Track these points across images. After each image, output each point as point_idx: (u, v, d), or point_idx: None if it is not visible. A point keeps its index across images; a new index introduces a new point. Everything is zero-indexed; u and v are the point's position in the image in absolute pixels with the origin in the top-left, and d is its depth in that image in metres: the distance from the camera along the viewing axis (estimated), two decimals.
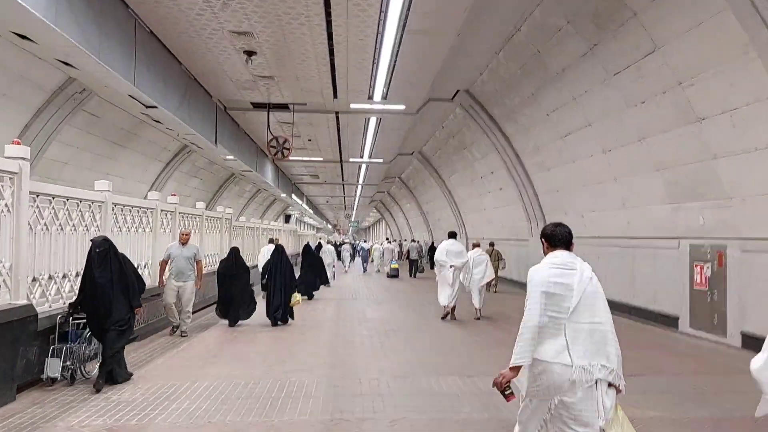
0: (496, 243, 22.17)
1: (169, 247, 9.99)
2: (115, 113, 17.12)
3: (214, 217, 15.98)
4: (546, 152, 14.88)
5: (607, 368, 3.30)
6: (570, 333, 3.29)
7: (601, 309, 3.44)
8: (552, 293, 3.37)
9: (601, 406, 3.24)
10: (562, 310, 3.34)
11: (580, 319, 3.35)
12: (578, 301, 3.35)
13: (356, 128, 20.40)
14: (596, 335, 3.35)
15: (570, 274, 3.46)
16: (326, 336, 10.08)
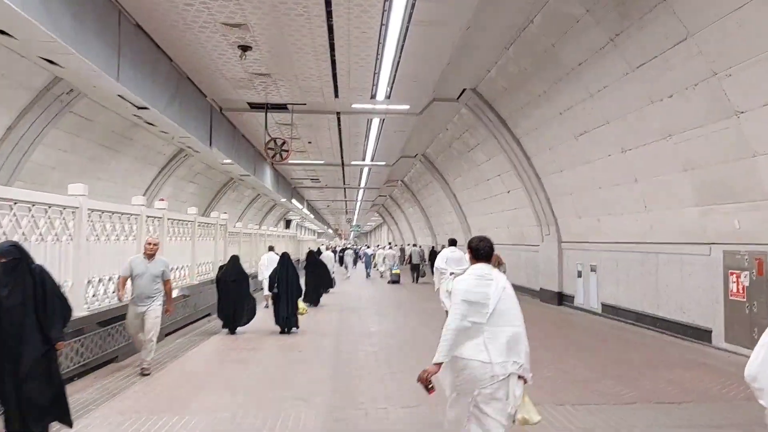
0: (503, 248, 21.39)
1: (131, 261, 7.80)
2: (106, 115, 16.40)
3: (208, 223, 15.17)
4: (558, 153, 14.07)
5: (518, 364, 3.81)
6: (488, 335, 3.79)
7: (514, 313, 3.95)
8: (472, 301, 3.86)
9: (512, 395, 3.75)
10: (481, 315, 3.83)
11: (496, 323, 3.83)
12: (494, 307, 3.85)
13: (358, 130, 19.61)
14: (510, 336, 3.85)
15: (488, 284, 3.94)
16: (327, 354, 9.25)
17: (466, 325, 3.80)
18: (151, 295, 7.74)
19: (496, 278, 4.01)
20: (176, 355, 8.98)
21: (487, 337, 3.78)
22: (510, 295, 4.00)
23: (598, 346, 9.85)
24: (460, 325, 3.80)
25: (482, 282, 3.94)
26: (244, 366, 8.23)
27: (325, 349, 9.53)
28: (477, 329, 3.81)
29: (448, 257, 11.86)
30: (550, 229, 16.32)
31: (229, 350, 9.44)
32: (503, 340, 3.80)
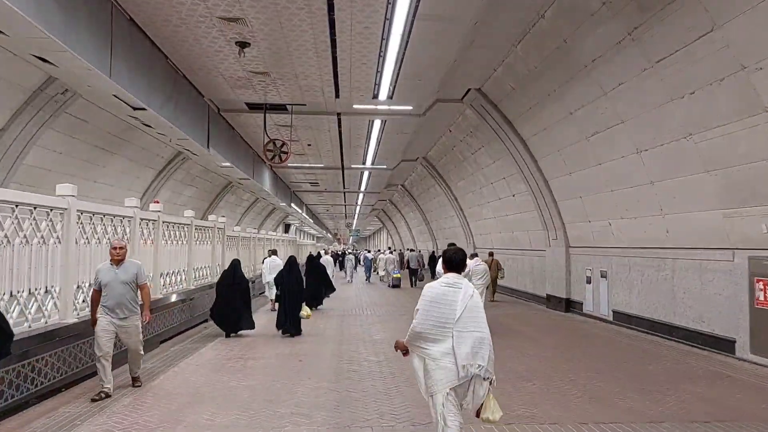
0: (507, 253, 20.92)
1: (98, 270, 6.78)
2: (102, 116, 15.99)
3: (206, 226, 14.68)
4: (567, 155, 13.60)
5: (482, 367, 4.05)
6: (456, 338, 4.06)
7: (480, 319, 4.18)
8: (440, 305, 4.16)
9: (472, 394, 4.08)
10: (449, 320, 4.11)
11: (464, 328, 4.09)
12: (461, 313, 4.11)
13: (359, 132, 19.17)
14: (476, 341, 4.08)
15: (456, 291, 4.22)
16: (329, 364, 8.74)
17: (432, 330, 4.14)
18: (127, 305, 6.68)
19: (465, 287, 4.28)
20: (170, 364, 8.47)
21: (455, 341, 4.06)
22: (477, 303, 4.26)
23: (613, 357, 9.35)
24: (423, 329, 4.17)
25: (451, 290, 4.23)
26: (242, 376, 7.73)
27: (327, 358, 9.02)
28: (445, 333, 4.11)
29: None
30: (557, 233, 15.84)
31: (226, 359, 8.93)
32: (469, 343, 4.06)
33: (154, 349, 9.76)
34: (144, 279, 6.96)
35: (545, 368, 8.30)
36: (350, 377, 7.75)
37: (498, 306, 17.28)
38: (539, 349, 9.90)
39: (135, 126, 17.09)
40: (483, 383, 4.09)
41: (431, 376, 4.14)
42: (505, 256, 21.32)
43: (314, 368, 8.29)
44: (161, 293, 10.77)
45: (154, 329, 9.92)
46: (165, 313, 10.54)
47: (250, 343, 10.43)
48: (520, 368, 8.27)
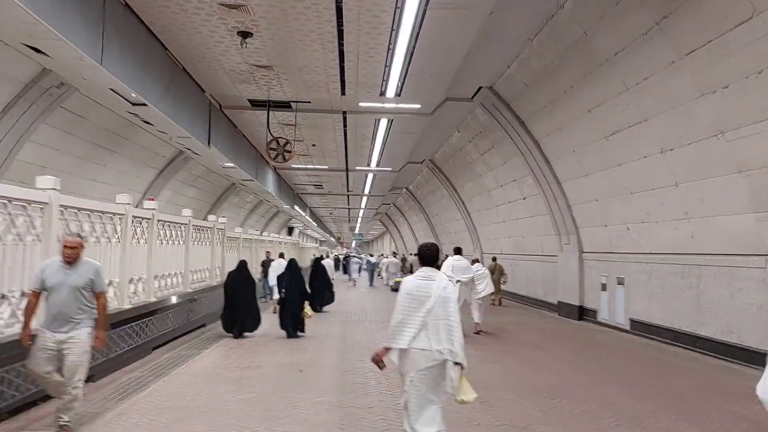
0: (516, 258, 20.30)
1: (42, 267, 5.36)
2: (100, 112, 15.48)
3: (205, 227, 14.10)
4: (583, 155, 12.99)
5: (452, 351, 4.38)
6: (430, 326, 4.43)
7: (451, 309, 4.48)
8: (415, 295, 4.51)
9: (449, 377, 4.39)
10: (423, 309, 4.45)
11: (436, 316, 4.43)
12: (434, 303, 4.45)
13: (365, 131, 18.58)
14: (446, 328, 4.41)
15: (429, 283, 4.55)
16: (332, 375, 8.15)
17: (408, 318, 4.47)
18: (74, 316, 5.20)
19: (438, 279, 4.60)
20: (161, 374, 7.88)
21: (429, 328, 4.42)
22: (449, 294, 4.54)
23: (637, 370, 8.71)
24: (403, 320, 4.49)
25: (425, 282, 4.57)
26: (238, 388, 7.13)
27: (329, 369, 8.41)
28: (420, 321, 4.44)
29: (454, 265, 11.74)
30: (570, 238, 15.21)
31: (222, 368, 8.33)
32: (441, 331, 4.40)
33: (145, 356, 9.17)
34: (102, 286, 5.49)
35: (566, 383, 7.68)
36: (355, 390, 7.14)
37: (507, 313, 16.65)
38: (555, 360, 9.28)
39: (135, 123, 16.61)
40: (455, 367, 4.42)
41: (404, 359, 4.54)
42: (514, 262, 20.70)
43: (316, 380, 7.67)
44: (155, 296, 10.18)
45: (147, 335, 9.33)
46: (159, 317, 9.94)
47: (249, 350, 9.83)
48: (538, 383, 7.65)
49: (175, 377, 7.66)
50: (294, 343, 10.76)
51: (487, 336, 11.86)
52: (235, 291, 11.39)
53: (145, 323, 9.25)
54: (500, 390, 7.24)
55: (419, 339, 4.44)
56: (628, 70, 9.79)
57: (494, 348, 10.40)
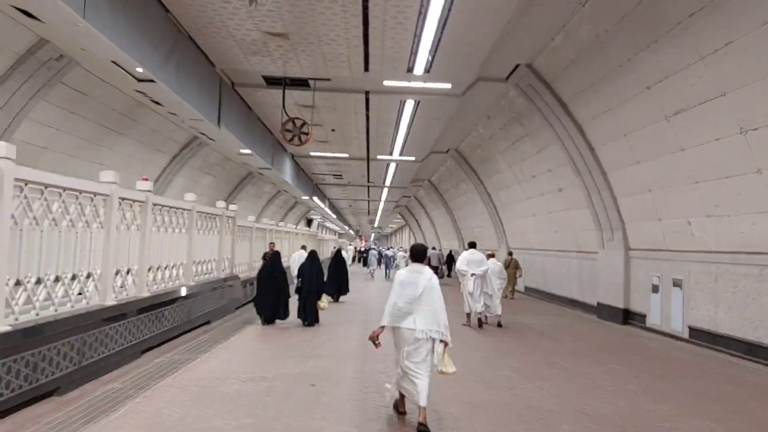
0: (548, 255, 18.79)
1: None
2: (106, 91, 14.41)
3: (212, 213, 12.85)
4: (637, 140, 11.46)
5: (438, 331, 5.39)
6: (417, 310, 5.41)
7: (436, 296, 5.49)
8: (407, 285, 5.50)
9: (436, 352, 5.42)
10: (413, 296, 5.43)
11: (423, 302, 5.43)
12: (422, 291, 5.44)
13: (389, 116, 17.19)
14: (432, 312, 5.42)
15: (418, 276, 5.57)
16: (349, 392, 6.84)
17: (401, 304, 5.44)
18: None
19: (425, 272, 5.63)
20: (146, 385, 6.62)
21: (417, 311, 5.41)
22: (434, 284, 5.55)
23: (723, 394, 7.20)
24: (396, 304, 5.46)
25: (415, 274, 5.59)
26: (233, 410, 5.82)
27: (347, 384, 7.07)
28: (408, 308, 5.43)
29: (469, 259, 12.14)
30: (614, 234, 13.69)
31: (219, 379, 7.04)
32: (427, 314, 5.41)
33: (132, 361, 7.93)
34: None
35: (641, 412, 6.22)
36: (379, 417, 5.77)
37: (542, 313, 15.19)
38: (615, 378, 7.82)
39: (144, 104, 15.47)
40: (441, 345, 5.38)
41: (396, 338, 5.47)
42: (545, 259, 19.21)
43: (330, 400, 6.33)
44: (148, 291, 8.94)
45: (135, 336, 8.08)
46: (151, 315, 8.70)
47: (255, 355, 8.54)
48: (606, 411, 6.22)
49: (159, 391, 6.37)
50: (307, 345, 9.46)
51: (524, 343, 10.46)
52: (267, 282, 11.75)
53: (133, 322, 8.01)
54: (560, 420, 5.84)
55: (408, 320, 5.39)
56: (705, 35, 8.25)
57: (536, 358, 8.99)
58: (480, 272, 11.90)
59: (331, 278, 16.33)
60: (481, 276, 11.93)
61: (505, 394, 6.72)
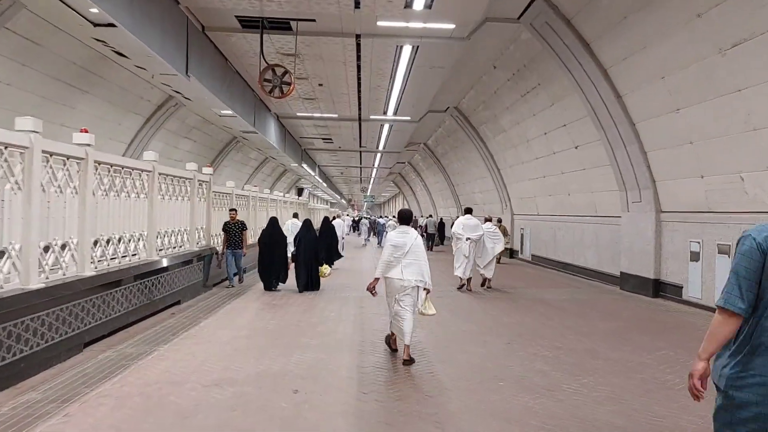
0: (558, 220, 17.16)
1: None
2: (62, 40, 12.61)
3: (180, 177, 11.07)
4: (679, 81, 9.73)
5: (422, 281, 6.42)
6: (405, 264, 6.43)
7: (420, 253, 6.52)
8: (396, 245, 6.49)
9: (420, 298, 6.46)
10: (401, 253, 6.45)
11: (409, 258, 6.45)
12: (408, 249, 6.45)
13: (383, 66, 15.30)
14: (416, 265, 6.44)
15: (405, 236, 6.57)
16: (343, 402, 5.24)
17: (391, 259, 6.47)
18: None
19: (411, 233, 6.61)
20: (69, 397, 4.95)
21: (403, 266, 6.43)
22: (419, 243, 6.57)
23: None
24: (388, 259, 6.47)
25: (402, 235, 6.59)
26: (184, 430, 4.19)
27: (340, 388, 5.44)
28: (397, 262, 6.46)
29: (465, 224, 12.34)
30: (642, 194, 12.05)
31: (174, 384, 5.40)
32: (413, 267, 6.43)
33: (70, 357, 6.27)
34: None
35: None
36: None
37: (556, 285, 13.65)
38: (679, 370, 6.25)
39: (106, 55, 13.56)
40: (423, 292, 6.49)
41: (388, 286, 6.59)
42: (555, 224, 17.61)
43: (317, 416, 4.68)
44: (93, 269, 7.24)
45: (73, 327, 6.40)
46: (96, 301, 7.00)
47: (223, 347, 6.88)
48: (700, 426, 4.62)
49: (89, 405, 4.71)
50: (293, 330, 7.83)
51: (547, 323, 8.89)
52: (267, 248, 12.03)
53: (70, 309, 6.31)
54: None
55: (396, 272, 6.46)
56: None
57: (568, 344, 7.41)
58: (475, 237, 12.15)
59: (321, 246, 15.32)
60: (476, 241, 12.18)
61: (546, 400, 5.11)
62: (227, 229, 12.24)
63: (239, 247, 12.25)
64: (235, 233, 12.23)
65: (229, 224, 12.26)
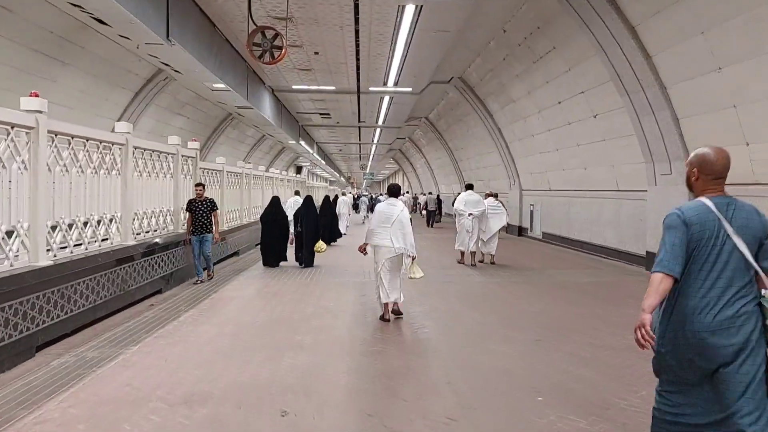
0: (573, 195, 16.06)
1: None
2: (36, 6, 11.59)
3: (161, 151, 9.93)
4: (723, 36, 8.56)
5: (407, 248, 7.00)
6: (392, 232, 7.02)
7: (406, 222, 7.12)
8: (384, 214, 7.15)
9: (405, 262, 7.16)
10: (389, 222, 7.06)
11: (396, 227, 7.05)
12: (396, 218, 7.08)
13: (383, 29, 14.03)
14: (403, 234, 7.05)
15: (392, 208, 7.21)
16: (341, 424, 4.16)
17: (379, 228, 7.11)
18: None
19: (398, 205, 7.25)
20: (9, 419, 3.92)
21: (392, 233, 7.02)
22: (405, 214, 7.18)
23: None
24: (375, 227, 7.14)
25: (390, 206, 7.22)
26: None
27: (338, 403, 4.41)
28: (386, 231, 7.06)
29: (467, 200, 12.45)
30: (672, 166, 10.93)
31: (133, 401, 4.37)
32: (399, 235, 7.02)
33: (17, 364, 5.23)
34: None
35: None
36: None
37: (574, 266, 12.63)
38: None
39: (86, 24, 12.40)
40: (408, 258, 7.11)
41: (377, 253, 7.16)
42: (569, 200, 16.52)
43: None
44: (51, 258, 6.17)
45: (19, 328, 5.34)
46: (53, 295, 5.95)
47: (201, 348, 5.84)
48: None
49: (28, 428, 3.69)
50: (285, 324, 6.80)
51: (575, 313, 7.85)
52: (269, 226, 12.27)
53: (14, 307, 5.26)
54: None
55: (384, 239, 7.06)
56: None
57: (608, 340, 6.38)
58: (477, 212, 12.22)
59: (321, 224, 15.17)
60: (478, 216, 12.24)
61: (606, 424, 4.03)
62: (192, 209, 10.01)
63: (207, 230, 10.05)
64: (203, 213, 9.98)
65: (194, 203, 10.04)
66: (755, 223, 2.77)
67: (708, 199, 2.84)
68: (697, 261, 2.74)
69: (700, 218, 2.76)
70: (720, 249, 2.72)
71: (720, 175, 2.90)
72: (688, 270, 2.75)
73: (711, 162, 2.89)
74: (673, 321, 2.78)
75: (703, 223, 2.75)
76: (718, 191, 2.89)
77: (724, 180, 2.89)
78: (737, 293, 2.70)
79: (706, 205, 2.80)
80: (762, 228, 2.78)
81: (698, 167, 2.92)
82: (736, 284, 2.71)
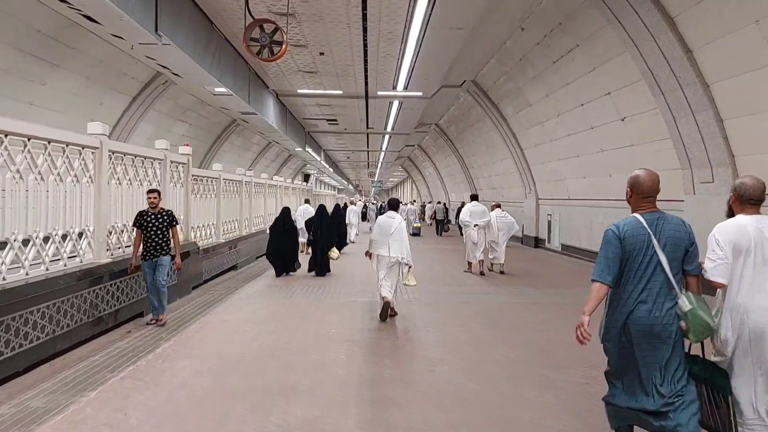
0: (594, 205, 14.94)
1: None
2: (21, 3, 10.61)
3: (144, 157, 8.91)
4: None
5: (404, 257, 7.74)
6: (391, 243, 7.73)
7: (404, 234, 7.90)
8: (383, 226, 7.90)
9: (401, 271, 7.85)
10: (388, 233, 7.80)
11: (395, 238, 7.78)
12: (394, 229, 7.80)
13: (392, 27, 13.03)
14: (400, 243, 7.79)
15: (392, 220, 7.92)
16: None
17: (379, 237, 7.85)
18: None
19: (397, 218, 7.98)
20: None
21: (390, 245, 7.72)
22: (402, 226, 7.94)
23: None
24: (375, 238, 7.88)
25: (389, 219, 7.95)
26: None
27: None
28: (384, 241, 7.78)
29: (472, 211, 12.69)
30: (714, 173, 9.83)
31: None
32: (397, 245, 7.74)
33: None
34: None
35: None
36: None
37: None
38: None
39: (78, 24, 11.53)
40: (404, 266, 7.83)
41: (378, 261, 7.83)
42: (591, 210, 15.42)
43: None
44: (2, 278, 5.16)
45: None
46: (15, 318, 4.93)
47: (172, 396, 4.79)
48: None
49: None
50: (278, 356, 5.74)
51: None
52: (279, 237, 12.42)
53: None
54: None
55: (383, 249, 7.76)
56: None
57: None
58: (483, 223, 12.47)
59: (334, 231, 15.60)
60: (484, 227, 12.48)
61: None
62: (142, 224, 7.45)
63: (163, 252, 7.46)
64: (157, 230, 7.43)
65: (146, 215, 7.48)
66: (681, 234, 3.24)
67: (640, 215, 3.28)
68: (632, 269, 3.19)
69: (633, 233, 3.21)
70: (650, 259, 3.17)
71: (648, 194, 3.35)
72: (624, 277, 3.23)
73: (640, 183, 3.37)
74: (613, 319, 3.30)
75: (634, 237, 3.20)
76: (650, 208, 3.34)
77: (654, 198, 3.34)
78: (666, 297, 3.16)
79: (639, 221, 3.24)
80: (687, 237, 3.24)
81: (630, 187, 3.42)
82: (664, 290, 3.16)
